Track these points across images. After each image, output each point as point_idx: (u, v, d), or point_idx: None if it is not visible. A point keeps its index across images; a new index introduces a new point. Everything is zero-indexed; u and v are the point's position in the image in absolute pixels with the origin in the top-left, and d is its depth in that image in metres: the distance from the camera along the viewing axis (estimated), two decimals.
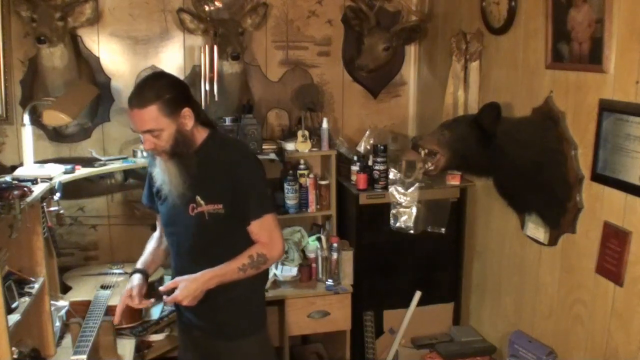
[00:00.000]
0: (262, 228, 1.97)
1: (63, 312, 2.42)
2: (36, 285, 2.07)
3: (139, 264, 2.11)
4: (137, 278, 2.02)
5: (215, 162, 1.94)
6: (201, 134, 1.97)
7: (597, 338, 2.10)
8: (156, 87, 1.84)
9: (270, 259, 1.99)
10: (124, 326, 2.48)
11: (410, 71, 3.50)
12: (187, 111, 1.87)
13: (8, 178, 2.15)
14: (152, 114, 1.81)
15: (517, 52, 2.49)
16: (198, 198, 1.94)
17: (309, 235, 3.16)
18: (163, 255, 2.19)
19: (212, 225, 1.95)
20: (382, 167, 2.98)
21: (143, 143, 1.91)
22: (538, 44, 2.33)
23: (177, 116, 1.85)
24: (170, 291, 1.93)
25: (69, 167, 2.59)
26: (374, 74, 3.32)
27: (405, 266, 3.10)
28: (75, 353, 2.01)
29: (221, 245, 1.98)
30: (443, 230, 3.02)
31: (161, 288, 1.93)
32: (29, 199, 1.98)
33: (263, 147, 3.03)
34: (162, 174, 1.95)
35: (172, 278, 2.06)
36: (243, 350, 2.06)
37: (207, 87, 2.99)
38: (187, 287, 1.90)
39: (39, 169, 2.52)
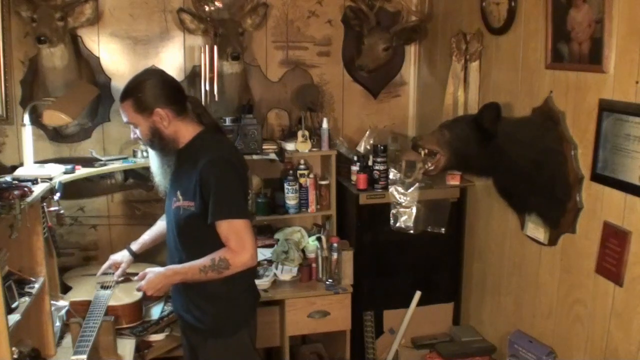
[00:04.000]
0: (230, 232, 1.96)
1: (63, 312, 2.42)
2: (36, 285, 2.07)
3: (134, 245, 2.40)
4: (127, 256, 2.39)
5: (192, 161, 2.01)
6: (190, 133, 2.06)
7: (597, 338, 2.10)
8: (134, 84, 2.01)
9: (232, 266, 1.96)
10: (124, 326, 2.48)
11: (410, 71, 3.50)
12: (160, 111, 1.98)
13: (8, 178, 2.15)
14: (127, 109, 2.01)
15: (517, 52, 2.49)
16: (178, 193, 2.04)
17: (309, 235, 3.16)
18: (162, 238, 2.36)
19: (184, 220, 2.03)
20: (382, 167, 2.98)
21: None
22: (538, 44, 2.33)
23: (149, 114, 1.98)
24: None
25: (69, 167, 2.59)
26: (374, 74, 3.32)
27: (405, 266, 3.10)
28: (76, 353, 2.01)
29: (191, 243, 2.05)
30: (443, 230, 3.02)
31: (135, 278, 2.09)
32: (29, 199, 1.98)
33: (263, 147, 3.02)
34: (151, 164, 2.13)
35: None
36: (213, 349, 2.11)
37: (207, 87, 2.99)
38: (152, 279, 2.04)
39: (39, 169, 2.52)
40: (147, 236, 2.43)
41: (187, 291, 2.11)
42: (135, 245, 2.40)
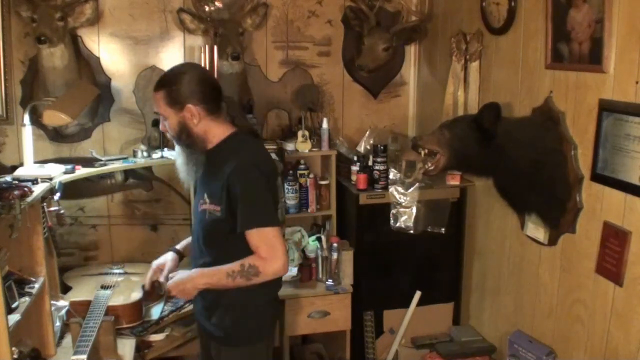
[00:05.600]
0: (260, 240, 1.89)
1: (63, 312, 2.42)
2: (36, 285, 2.07)
3: (178, 245, 2.29)
4: (170, 255, 2.23)
5: (220, 164, 1.95)
6: (221, 133, 2.00)
7: (597, 338, 2.11)
8: (171, 76, 1.97)
9: (262, 273, 1.89)
10: (124, 326, 2.48)
11: (410, 71, 3.50)
12: (191, 108, 1.92)
13: (8, 178, 2.15)
14: (158, 99, 1.95)
15: (517, 52, 2.49)
16: (205, 195, 1.99)
17: (309, 235, 3.16)
18: None
19: (209, 225, 1.98)
20: (382, 167, 2.98)
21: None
22: (538, 44, 2.33)
23: (180, 109, 1.94)
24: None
25: (69, 167, 2.59)
26: (374, 74, 3.32)
27: (405, 266, 3.10)
28: (76, 353, 2.01)
29: (216, 247, 1.99)
30: (443, 230, 3.02)
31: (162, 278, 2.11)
32: (29, 199, 1.98)
33: None
34: (177, 158, 2.08)
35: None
36: (232, 358, 2.06)
37: None
38: (178, 280, 2.00)
39: (39, 169, 2.52)
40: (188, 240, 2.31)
41: (206, 298, 2.04)
42: (179, 245, 2.29)
